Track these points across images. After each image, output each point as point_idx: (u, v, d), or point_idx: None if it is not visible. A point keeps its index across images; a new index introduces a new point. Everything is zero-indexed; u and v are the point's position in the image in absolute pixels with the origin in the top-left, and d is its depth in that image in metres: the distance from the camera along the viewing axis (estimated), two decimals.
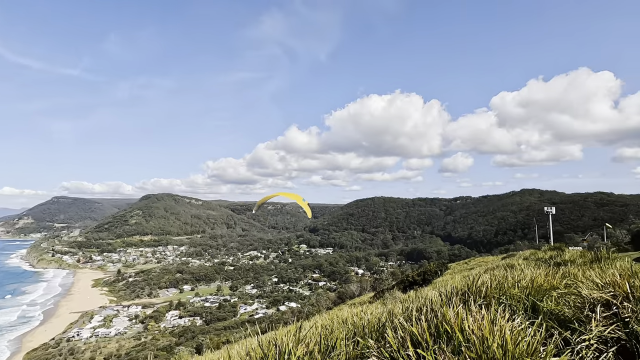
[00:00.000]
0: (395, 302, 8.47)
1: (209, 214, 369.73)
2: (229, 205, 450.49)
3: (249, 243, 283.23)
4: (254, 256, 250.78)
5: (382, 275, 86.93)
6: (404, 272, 56.63)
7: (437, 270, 28.59)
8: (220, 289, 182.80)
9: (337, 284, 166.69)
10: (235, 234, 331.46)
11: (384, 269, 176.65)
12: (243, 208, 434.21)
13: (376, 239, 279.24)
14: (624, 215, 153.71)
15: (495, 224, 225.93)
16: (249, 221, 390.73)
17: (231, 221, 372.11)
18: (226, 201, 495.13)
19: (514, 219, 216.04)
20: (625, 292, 3.93)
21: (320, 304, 54.60)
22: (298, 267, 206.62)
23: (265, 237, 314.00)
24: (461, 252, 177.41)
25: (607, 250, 13.08)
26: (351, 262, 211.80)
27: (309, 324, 5.92)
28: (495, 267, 15.92)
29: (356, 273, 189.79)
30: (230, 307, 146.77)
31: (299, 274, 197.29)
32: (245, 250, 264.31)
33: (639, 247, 32.27)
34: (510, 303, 4.20)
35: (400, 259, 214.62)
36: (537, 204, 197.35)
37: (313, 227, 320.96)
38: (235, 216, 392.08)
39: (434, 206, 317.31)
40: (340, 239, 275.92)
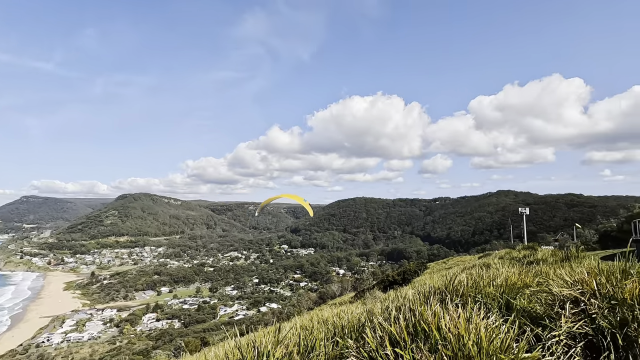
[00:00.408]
0: (375, 301, 8.55)
1: (188, 214, 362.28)
2: (209, 205, 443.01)
3: (229, 244, 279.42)
4: (235, 257, 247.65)
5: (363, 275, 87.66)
6: (385, 272, 57.25)
7: (416, 270, 29.05)
8: (200, 290, 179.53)
9: (318, 284, 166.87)
10: (215, 235, 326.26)
11: (365, 269, 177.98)
12: (223, 208, 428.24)
13: (357, 239, 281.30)
14: (592, 216, 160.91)
15: (472, 224, 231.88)
16: (229, 221, 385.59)
17: (211, 221, 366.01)
18: (206, 201, 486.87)
19: (491, 219, 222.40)
20: (592, 289, 4.11)
21: (301, 305, 54.47)
22: (279, 268, 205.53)
23: (246, 238, 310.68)
24: (440, 252, 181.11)
25: (576, 250, 13.65)
26: (332, 262, 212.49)
27: (289, 325, 5.89)
28: (472, 266, 16.33)
29: (337, 273, 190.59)
30: (210, 309, 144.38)
31: (280, 274, 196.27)
32: (225, 251, 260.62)
33: (606, 246, 33.86)
34: (486, 301, 4.31)
35: (381, 258, 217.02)
36: (512, 205, 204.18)
37: (294, 228, 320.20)
38: (215, 216, 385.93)
39: (414, 207, 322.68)
40: (321, 239, 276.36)
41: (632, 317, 3.54)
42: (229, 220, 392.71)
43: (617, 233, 34.67)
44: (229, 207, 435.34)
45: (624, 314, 3.61)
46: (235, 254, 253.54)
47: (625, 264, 4.55)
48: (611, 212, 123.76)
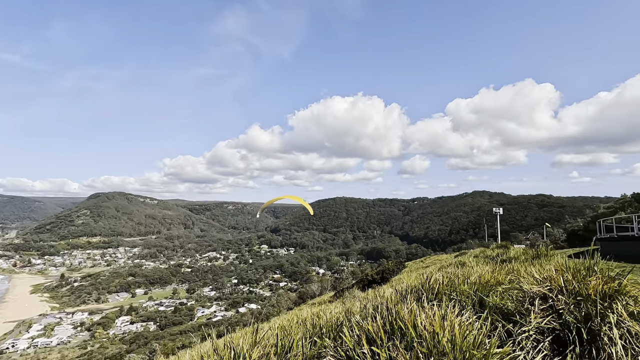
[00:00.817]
0: (354, 301, 8.61)
1: (165, 214, 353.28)
2: (187, 204, 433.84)
3: (207, 244, 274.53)
4: (213, 257, 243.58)
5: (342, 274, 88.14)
6: (364, 271, 57.78)
7: (395, 269, 29.47)
8: (177, 292, 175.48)
9: (298, 284, 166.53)
10: (193, 235, 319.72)
11: (345, 268, 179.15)
12: (202, 208, 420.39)
13: (337, 238, 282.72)
14: (561, 215, 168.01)
15: (449, 223, 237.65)
16: (207, 221, 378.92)
17: (189, 221, 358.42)
18: (184, 200, 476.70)
19: (466, 219, 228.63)
20: (559, 285, 4.29)
21: (281, 305, 54.20)
22: (259, 268, 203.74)
23: (225, 238, 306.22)
24: (418, 251, 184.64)
25: (545, 248, 14.22)
26: (312, 262, 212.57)
27: (267, 325, 5.85)
28: (449, 264, 16.73)
29: (317, 273, 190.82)
30: (187, 311, 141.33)
31: (259, 274, 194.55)
32: (203, 252, 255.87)
33: (574, 244, 35.47)
34: (460, 299, 4.43)
35: (361, 258, 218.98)
36: (487, 205, 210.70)
37: (275, 228, 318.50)
38: (193, 216, 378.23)
39: (393, 207, 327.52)
40: (302, 239, 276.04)
41: (595, 312, 3.72)
42: (208, 220, 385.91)
43: (584, 232, 36.37)
44: (207, 206, 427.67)
45: (588, 309, 3.80)
46: (214, 255, 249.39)
47: (590, 261, 4.79)
48: (578, 212, 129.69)
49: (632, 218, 19.47)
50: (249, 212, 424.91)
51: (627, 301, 4.03)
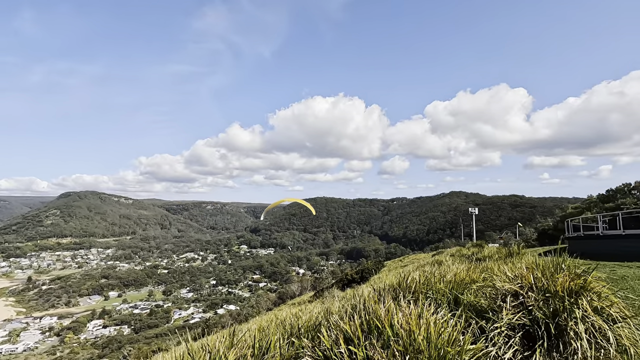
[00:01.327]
0: (333, 300, 8.64)
1: (140, 214, 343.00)
2: (164, 204, 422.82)
3: (185, 244, 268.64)
4: (191, 258, 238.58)
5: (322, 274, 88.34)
6: (344, 271, 58.12)
7: (374, 268, 29.78)
8: (152, 294, 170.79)
9: (278, 285, 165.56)
10: (170, 235, 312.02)
11: (325, 268, 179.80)
12: (179, 208, 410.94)
13: (317, 238, 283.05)
14: (532, 215, 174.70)
15: (427, 223, 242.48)
16: (185, 221, 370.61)
17: (166, 221, 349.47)
18: (161, 200, 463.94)
19: (444, 219, 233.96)
20: (530, 283, 4.45)
21: (261, 305, 53.72)
22: (238, 269, 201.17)
23: (204, 238, 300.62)
24: (397, 250, 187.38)
25: (518, 247, 14.75)
26: (292, 262, 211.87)
27: (245, 326, 5.77)
28: (426, 263, 17.06)
29: (297, 273, 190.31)
30: (164, 313, 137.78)
31: (238, 275, 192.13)
32: (181, 252, 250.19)
33: (544, 243, 36.95)
34: (436, 297, 4.53)
35: (341, 257, 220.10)
36: (463, 205, 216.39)
37: (254, 228, 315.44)
38: (170, 216, 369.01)
39: (372, 206, 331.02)
40: (282, 239, 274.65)
41: (562, 307, 3.89)
42: (185, 220, 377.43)
43: (553, 231, 37.96)
44: (185, 206, 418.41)
45: (556, 305, 3.96)
46: (192, 255, 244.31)
47: (558, 259, 5.00)
48: (548, 212, 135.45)
49: (597, 218, 20.49)
50: (228, 212, 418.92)
51: (592, 297, 4.23)
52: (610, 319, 4.06)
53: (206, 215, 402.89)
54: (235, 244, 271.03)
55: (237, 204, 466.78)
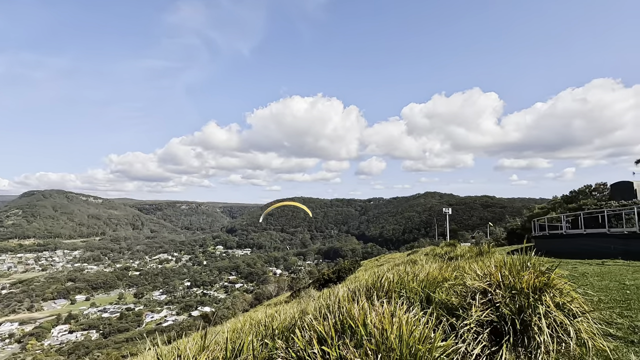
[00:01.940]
0: (309, 300, 8.63)
1: (110, 214, 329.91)
2: (136, 204, 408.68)
3: (158, 245, 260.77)
4: (164, 259, 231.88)
5: (299, 274, 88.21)
6: (321, 271, 58.28)
7: (350, 268, 30.03)
8: (123, 296, 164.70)
9: (254, 285, 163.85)
10: (142, 236, 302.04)
11: (302, 268, 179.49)
12: (152, 207, 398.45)
13: (295, 238, 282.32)
14: (502, 215, 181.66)
15: (403, 223, 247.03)
16: (158, 222, 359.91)
17: (138, 222, 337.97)
18: (132, 199, 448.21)
19: (419, 219, 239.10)
20: (498, 280, 4.62)
21: (236, 307, 52.94)
22: (213, 270, 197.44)
23: (178, 239, 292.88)
24: (373, 250, 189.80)
25: (488, 246, 15.27)
26: (269, 262, 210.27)
27: (218, 328, 5.67)
28: (401, 262, 17.37)
29: (274, 273, 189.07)
30: (135, 317, 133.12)
31: (214, 276, 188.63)
32: (153, 254, 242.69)
33: (512, 242, 38.50)
34: (409, 295, 4.62)
35: (318, 257, 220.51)
36: (438, 205, 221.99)
37: (231, 228, 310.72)
38: (142, 216, 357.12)
39: (350, 207, 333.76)
40: (259, 239, 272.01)
41: (527, 304, 4.06)
42: (159, 220, 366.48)
43: (521, 230, 39.62)
44: (158, 206, 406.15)
45: (521, 302, 4.13)
46: (165, 256, 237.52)
47: (524, 257, 5.22)
48: (517, 212, 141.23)
49: (561, 218, 21.56)
50: (204, 212, 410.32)
51: (554, 293, 4.44)
52: (571, 314, 4.28)
53: (181, 215, 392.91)
54: (211, 244, 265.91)
55: (213, 203, 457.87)
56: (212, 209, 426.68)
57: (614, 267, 11.15)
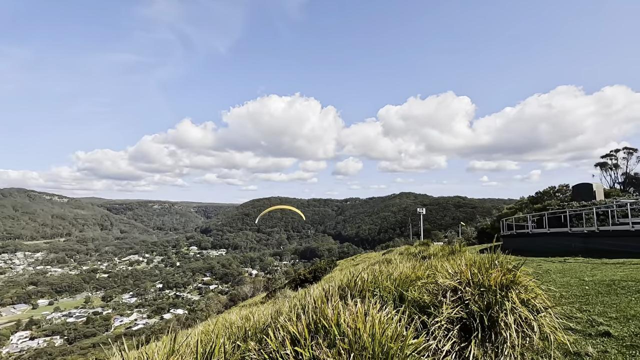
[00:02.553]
0: (284, 301, 8.59)
1: (77, 214, 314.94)
2: (105, 203, 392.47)
3: (128, 246, 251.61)
4: (135, 261, 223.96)
5: (275, 274, 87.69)
6: (297, 271, 58.17)
7: (326, 267, 30.15)
8: (90, 300, 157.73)
9: (229, 286, 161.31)
10: (111, 237, 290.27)
11: (278, 268, 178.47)
12: (122, 207, 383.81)
13: (271, 238, 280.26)
14: (473, 215, 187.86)
15: (378, 223, 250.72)
16: (129, 222, 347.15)
17: (107, 222, 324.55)
18: (101, 199, 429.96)
19: (394, 219, 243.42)
20: (467, 278, 4.77)
21: (211, 308, 51.99)
22: (187, 271, 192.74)
23: (149, 240, 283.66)
24: (349, 250, 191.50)
25: (459, 245, 15.74)
26: (245, 263, 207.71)
27: (191, 331, 5.53)
28: (376, 262, 17.61)
29: (250, 274, 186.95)
30: (102, 321, 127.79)
31: (187, 277, 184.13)
32: (123, 255, 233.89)
33: (482, 241, 39.91)
34: (383, 294, 4.68)
35: (295, 257, 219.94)
36: (412, 206, 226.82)
37: (205, 228, 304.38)
38: (112, 216, 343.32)
39: (326, 207, 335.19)
40: (234, 239, 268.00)
41: (494, 300, 4.21)
42: (129, 220, 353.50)
43: (491, 230, 41.11)
44: (129, 205, 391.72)
45: (489, 299, 4.28)
46: (136, 258, 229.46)
47: (492, 256, 5.41)
48: (487, 212, 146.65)
49: (527, 218, 22.55)
50: (177, 212, 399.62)
51: (520, 290, 4.63)
52: (535, 309, 4.48)
53: (153, 215, 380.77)
54: (185, 245, 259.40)
55: (186, 203, 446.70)
56: (186, 209, 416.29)
57: (574, 264, 11.78)
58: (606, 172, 48.62)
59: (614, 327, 5.07)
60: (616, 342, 4.58)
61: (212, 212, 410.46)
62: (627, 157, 47.18)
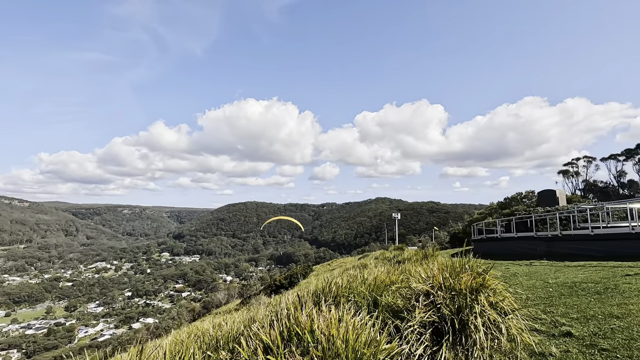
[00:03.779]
0: (259, 308, 8.45)
1: (39, 219, 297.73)
2: (71, 208, 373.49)
3: (95, 253, 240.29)
4: (102, 268, 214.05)
5: (250, 281, 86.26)
6: (272, 277, 57.49)
7: (303, 273, 29.98)
8: (52, 310, 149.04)
9: (203, 294, 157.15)
10: (76, 243, 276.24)
11: (254, 274, 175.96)
12: (90, 212, 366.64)
13: (247, 244, 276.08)
14: (446, 220, 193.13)
15: (355, 227, 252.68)
16: (96, 227, 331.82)
17: (72, 227, 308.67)
18: (67, 203, 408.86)
19: (370, 224, 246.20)
20: (439, 283, 4.87)
21: (183, 317, 50.31)
22: (158, 278, 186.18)
23: (118, 246, 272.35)
24: (326, 255, 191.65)
25: (432, 249, 16.09)
26: (220, 269, 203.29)
27: (161, 341, 5.32)
28: (352, 267, 17.68)
29: (224, 280, 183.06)
30: (65, 332, 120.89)
31: (159, 285, 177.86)
32: (90, 262, 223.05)
33: (455, 245, 41.03)
34: (357, 300, 4.70)
35: (270, 263, 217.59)
36: (388, 211, 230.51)
37: (178, 234, 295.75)
38: (78, 221, 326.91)
39: (303, 211, 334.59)
40: (208, 245, 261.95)
41: (465, 304, 4.32)
42: (97, 225, 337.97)
43: (462, 234, 42.37)
44: (97, 210, 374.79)
45: (460, 302, 4.38)
46: (103, 265, 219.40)
47: (463, 260, 5.56)
48: (459, 217, 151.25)
49: (496, 222, 23.39)
50: (149, 217, 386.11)
51: (489, 293, 4.78)
52: (502, 312, 4.63)
53: (122, 220, 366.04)
54: (156, 251, 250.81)
55: (159, 208, 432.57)
56: (157, 214, 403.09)
57: (540, 267, 12.31)
58: (568, 179, 51.49)
59: (575, 327, 5.32)
60: (577, 342, 4.81)
61: (185, 217, 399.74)
62: (587, 165, 50.19)
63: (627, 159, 46.25)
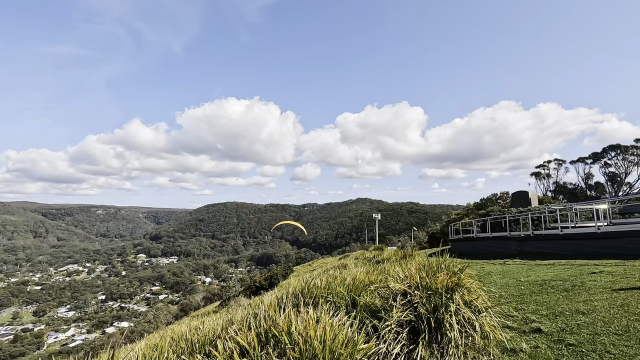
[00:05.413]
0: (237, 310, 8.34)
1: (5, 220, 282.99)
2: (40, 208, 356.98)
3: (66, 255, 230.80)
4: (73, 271, 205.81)
5: (230, 282, 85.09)
6: (253, 278, 56.91)
7: (283, 274, 29.85)
8: (19, 316, 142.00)
9: (180, 296, 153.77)
10: (46, 245, 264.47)
11: (233, 275, 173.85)
12: (61, 212, 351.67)
13: (227, 245, 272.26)
14: (425, 220, 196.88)
15: (335, 228, 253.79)
16: (68, 228, 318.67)
17: (41, 228, 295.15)
18: (35, 203, 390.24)
19: (351, 224, 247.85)
20: (416, 282, 4.95)
21: (159, 320, 49.09)
22: (134, 280, 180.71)
23: (91, 248, 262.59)
24: (307, 255, 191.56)
25: (411, 249, 16.37)
26: (198, 270, 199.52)
27: (132, 346, 5.16)
28: (332, 267, 17.75)
29: (203, 282, 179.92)
30: (33, 338, 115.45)
31: (134, 287, 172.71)
32: (60, 265, 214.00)
33: (433, 245, 41.89)
34: (336, 300, 4.72)
35: (251, 264, 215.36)
36: (368, 211, 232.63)
37: (155, 235, 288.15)
38: (48, 222, 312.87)
39: (284, 212, 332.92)
40: (187, 246, 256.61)
41: (441, 302, 4.41)
42: (68, 226, 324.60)
43: (440, 234, 43.32)
44: (68, 210, 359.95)
45: (436, 301, 4.48)
46: (75, 267, 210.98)
47: (440, 259, 5.68)
48: (437, 218, 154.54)
49: (473, 223, 24.05)
50: (124, 218, 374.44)
51: (464, 292, 4.90)
52: (476, 310, 4.76)
53: (96, 221, 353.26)
54: (132, 253, 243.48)
55: (135, 208, 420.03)
56: (133, 214, 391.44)
57: (513, 265, 12.74)
58: (540, 181, 53.53)
59: (544, 324, 5.55)
60: (546, 338, 5.02)
61: (163, 218, 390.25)
62: (557, 168, 52.34)
63: (594, 162, 48.53)
